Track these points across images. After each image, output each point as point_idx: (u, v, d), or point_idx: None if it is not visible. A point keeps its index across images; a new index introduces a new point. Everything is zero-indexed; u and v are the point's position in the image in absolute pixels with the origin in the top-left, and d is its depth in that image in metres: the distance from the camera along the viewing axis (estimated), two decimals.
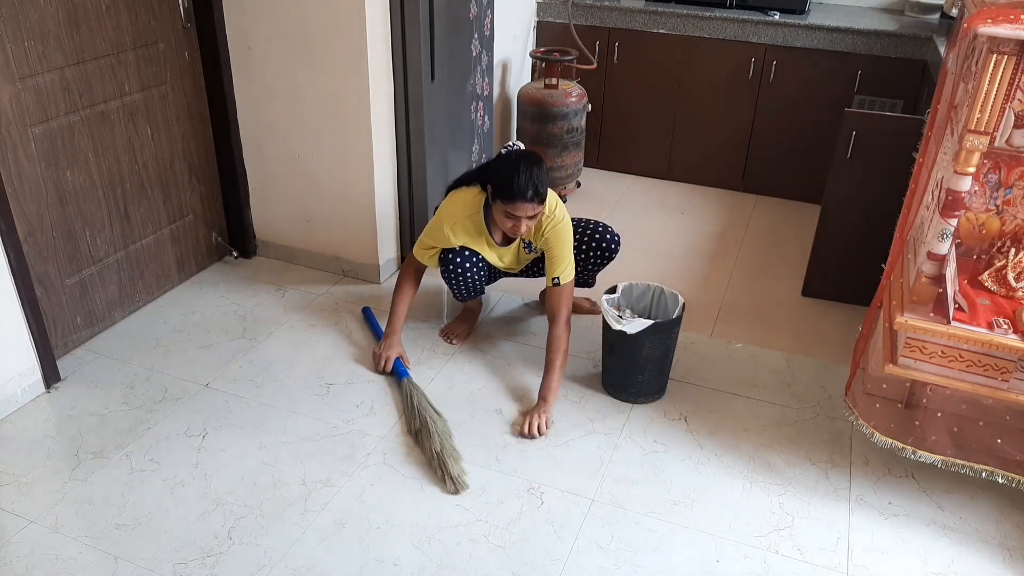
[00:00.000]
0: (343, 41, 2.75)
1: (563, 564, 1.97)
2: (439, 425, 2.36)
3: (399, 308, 2.68)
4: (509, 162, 2.37)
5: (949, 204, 1.85)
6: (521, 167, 2.33)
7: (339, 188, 3.04)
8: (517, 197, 2.32)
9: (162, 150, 2.87)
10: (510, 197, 2.33)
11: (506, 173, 2.35)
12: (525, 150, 2.49)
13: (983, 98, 1.73)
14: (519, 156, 2.39)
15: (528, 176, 2.31)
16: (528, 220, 2.38)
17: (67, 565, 1.93)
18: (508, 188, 2.33)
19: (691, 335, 2.87)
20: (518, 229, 2.40)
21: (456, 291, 2.68)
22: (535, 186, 2.31)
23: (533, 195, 2.32)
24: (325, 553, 1.98)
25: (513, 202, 2.33)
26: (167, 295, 3.05)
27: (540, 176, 2.34)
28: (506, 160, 2.40)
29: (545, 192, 2.36)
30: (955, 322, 1.90)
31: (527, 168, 2.32)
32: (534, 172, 2.32)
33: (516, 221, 2.38)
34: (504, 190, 2.35)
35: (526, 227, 2.40)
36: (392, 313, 2.68)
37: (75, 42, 2.46)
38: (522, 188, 2.30)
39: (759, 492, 2.20)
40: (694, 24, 3.82)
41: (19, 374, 2.43)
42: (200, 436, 2.35)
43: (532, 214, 2.37)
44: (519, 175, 2.31)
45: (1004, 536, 2.09)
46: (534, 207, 2.35)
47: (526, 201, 2.32)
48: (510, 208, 2.35)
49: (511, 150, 2.49)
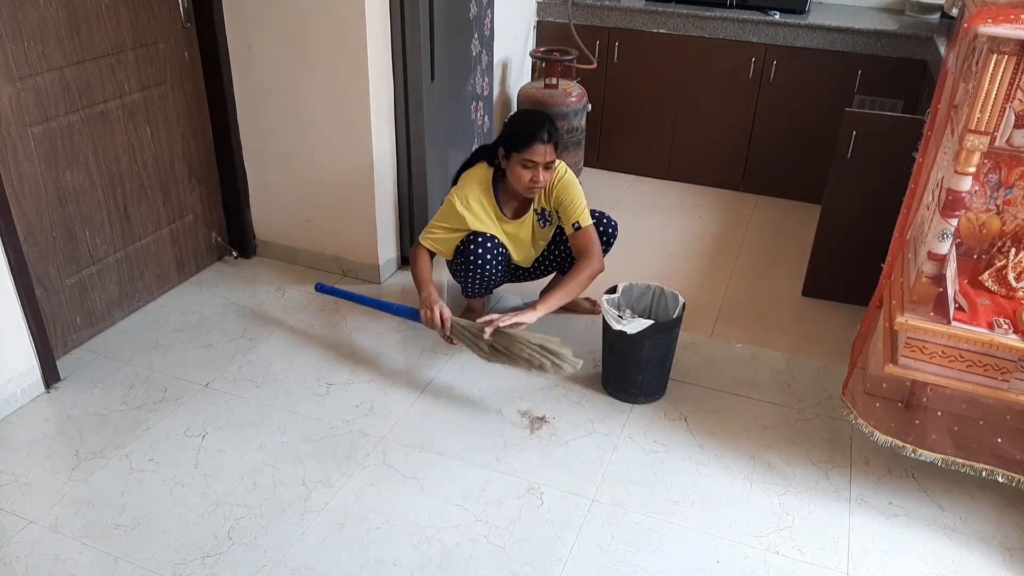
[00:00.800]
0: (343, 41, 2.75)
1: (563, 564, 1.97)
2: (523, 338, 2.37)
3: (423, 275, 2.57)
4: (517, 116, 2.52)
5: (949, 204, 1.85)
6: (530, 116, 2.48)
7: (339, 188, 3.04)
8: (533, 140, 2.41)
9: (162, 150, 2.87)
10: (526, 142, 2.42)
11: (517, 124, 2.48)
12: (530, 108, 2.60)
13: (983, 98, 1.73)
14: (526, 111, 2.54)
15: (540, 122, 2.44)
16: (545, 170, 2.46)
17: (67, 565, 1.93)
18: (523, 135, 2.43)
19: (691, 335, 2.87)
20: (536, 179, 2.46)
21: (468, 285, 2.67)
22: (548, 129, 2.43)
23: (548, 137, 2.42)
24: (325, 553, 1.98)
25: (530, 145, 2.42)
26: (167, 295, 3.05)
27: (551, 122, 2.46)
28: (516, 117, 2.57)
29: (556, 135, 2.46)
30: (955, 322, 1.90)
31: (536, 115, 2.49)
32: (544, 118, 2.46)
33: (534, 170, 2.45)
34: (519, 138, 2.44)
35: (544, 177, 2.47)
36: (418, 282, 2.57)
37: (75, 42, 2.46)
38: (536, 131, 2.41)
39: (759, 492, 2.20)
40: (694, 24, 3.82)
41: (19, 374, 2.43)
42: (200, 436, 2.35)
43: (549, 159, 2.45)
44: (530, 121, 2.44)
45: (1004, 536, 2.09)
46: (550, 150, 2.44)
47: (542, 143, 2.42)
48: (527, 155, 2.43)
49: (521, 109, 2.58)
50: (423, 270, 2.60)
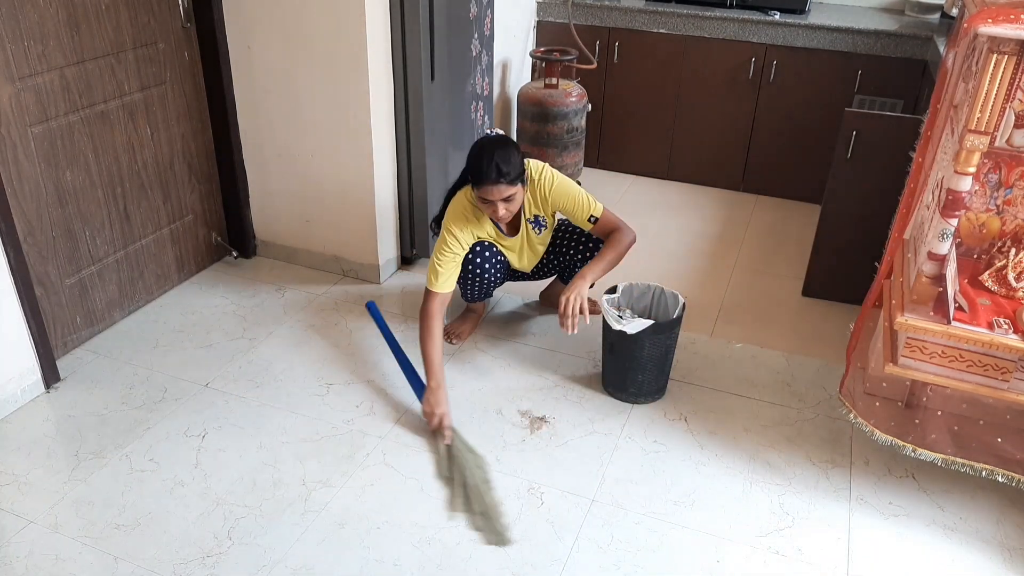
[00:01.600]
0: (343, 41, 2.75)
1: (563, 564, 1.97)
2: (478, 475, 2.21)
3: (434, 356, 2.40)
4: (474, 151, 2.40)
5: (949, 204, 1.85)
6: (484, 152, 2.34)
7: (339, 188, 3.04)
8: (484, 180, 2.33)
9: (162, 150, 2.87)
10: (478, 183, 2.36)
11: (473, 160, 2.38)
12: (494, 135, 2.47)
13: (983, 98, 1.73)
14: (483, 142, 2.40)
15: (490, 159, 2.31)
16: (504, 203, 2.37)
17: (67, 565, 1.93)
18: (475, 174, 2.36)
19: (691, 335, 2.87)
20: (497, 213, 2.41)
21: (468, 291, 2.68)
22: (498, 167, 2.31)
23: (498, 176, 2.31)
24: (325, 553, 1.98)
25: (481, 186, 2.35)
26: (167, 295, 3.05)
27: (504, 156, 2.32)
28: (473, 148, 2.42)
29: (513, 172, 2.33)
30: (955, 322, 1.90)
31: (489, 151, 2.33)
32: (496, 154, 2.32)
33: (492, 205, 2.39)
34: (473, 177, 2.38)
35: (504, 210, 2.39)
36: (427, 363, 2.41)
37: (75, 42, 2.46)
38: (486, 171, 2.32)
39: (759, 492, 2.20)
40: (694, 24, 3.82)
41: (19, 374, 2.43)
42: (200, 436, 2.35)
43: (505, 195, 2.35)
44: (483, 159, 2.33)
45: (1004, 536, 2.09)
46: (503, 188, 2.34)
47: (492, 183, 2.33)
48: (481, 193, 2.37)
49: (482, 136, 2.48)
50: (431, 347, 2.41)
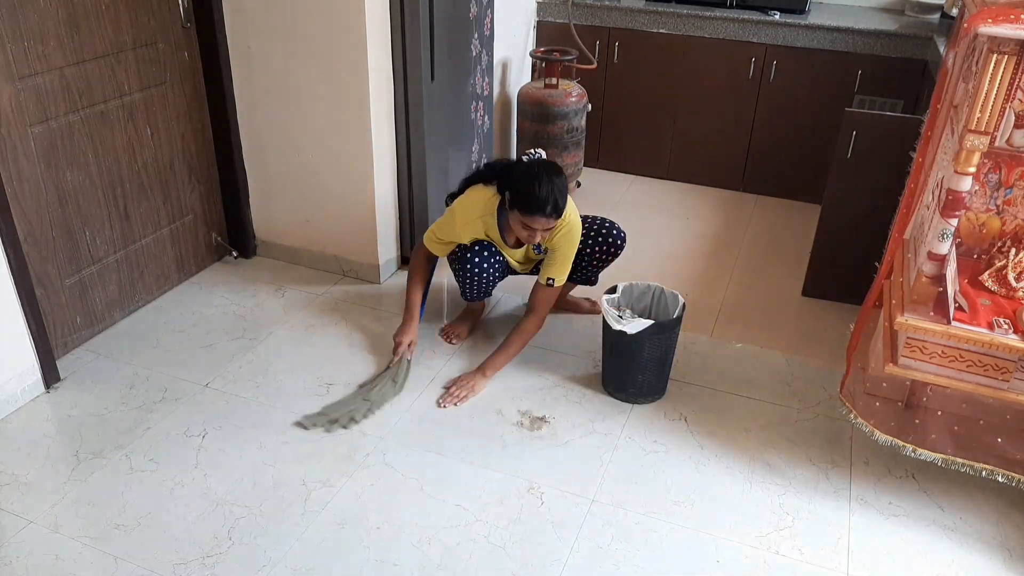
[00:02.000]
0: (343, 41, 2.75)
1: (563, 564, 1.97)
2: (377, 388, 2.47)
3: (414, 296, 2.69)
4: (530, 173, 2.34)
5: (949, 204, 1.85)
6: (543, 180, 2.31)
7: (339, 188, 3.04)
8: (536, 211, 2.31)
9: (162, 150, 2.87)
10: (529, 210, 2.33)
11: (526, 185, 2.32)
12: (547, 160, 2.44)
13: (983, 98, 1.73)
14: (541, 167, 2.36)
15: (549, 190, 2.30)
16: (544, 232, 2.39)
17: (67, 565, 1.93)
18: (528, 201, 2.32)
19: (691, 335, 2.87)
20: (533, 239, 2.41)
21: (467, 290, 2.68)
22: (555, 201, 2.31)
23: (552, 210, 2.32)
24: (325, 553, 1.98)
25: (532, 215, 2.33)
26: (167, 295, 3.05)
27: (560, 189, 2.33)
28: (527, 170, 2.36)
29: (564, 206, 2.35)
30: (955, 322, 1.90)
31: (548, 181, 2.31)
32: (555, 185, 2.31)
33: (532, 232, 2.38)
34: (524, 202, 2.34)
35: (541, 237, 2.41)
36: (408, 302, 2.70)
37: (75, 42, 2.46)
38: (542, 203, 2.30)
39: (759, 492, 2.20)
40: (694, 24, 3.82)
41: (19, 374, 2.43)
42: (200, 436, 2.35)
43: (549, 227, 2.38)
44: (540, 188, 2.29)
45: (1004, 536, 2.09)
46: (551, 221, 2.36)
47: (545, 216, 2.32)
48: (528, 220, 2.35)
49: (533, 158, 2.44)
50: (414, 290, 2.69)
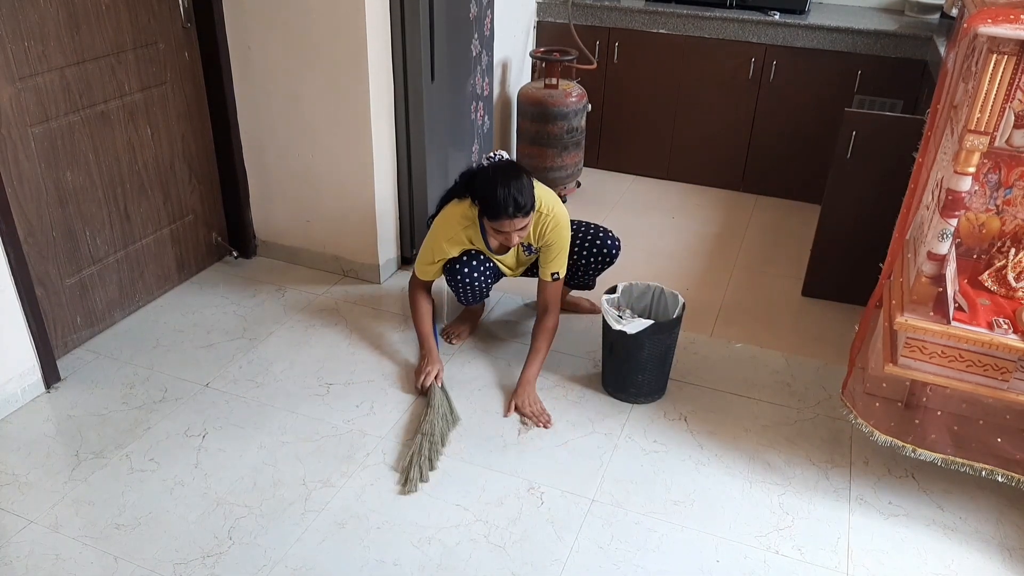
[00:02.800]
0: (343, 41, 2.75)
1: (563, 564, 1.97)
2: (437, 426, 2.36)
3: (425, 328, 2.65)
4: (488, 179, 2.35)
5: (949, 204, 1.85)
6: (499, 183, 2.31)
7: (339, 188, 3.05)
8: (500, 215, 2.32)
9: (162, 150, 2.87)
10: (494, 215, 2.35)
11: (486, 191, 2.34)
12: (505, 162, 2.46)
13: (983, 98, 1.73)
14: (496, 171, 2.37)
15: (507, 192, 2.29)
16: (518, 232, 2.39)
17: (67, 565, 1.93)
18: (490, 207, 2.34)
19: (691, 335, 2.87)
20: (510, 241, 2.41)
21: (461, 297, 2.68)
22: (515, 201, 2.30)
23: (515, 210, 2.31)
24: (325, 553, 1.98)
25: (497, 220, 2.35)
26: (167, 295, 3.05)
27: (520, 188, 2.32)
28: (485, 176, 2.38)
29: (527, 203, 2.34)
30: (955, 322, 1.90)
31: (505, 183, 2.31)
32: (512, 187, 2.30)
33: (506, 235, 2.39)
34: (487, 209, 2.36)
35: (517, 238, 2.41)
36: (421, 335, 2.66)
37: (75, 42, 2.46)
38: (503, 206, 2.30)
39: (759, 492, 2.20)
40: (694, 24, 3.82)
41: (19, 374, 2.43)
42: (200, 436, 2.35)
43: (520, 227, 2.37)
44: (498, 192, 2.30)
45: (1004, 536, 2.09)
46: (519, 221, 2.35)
47: (509, 217, 2.33)
48: (496, 225, 2.37)
49: (492, 162, 2.47)
50: (422, 319, 2.65)
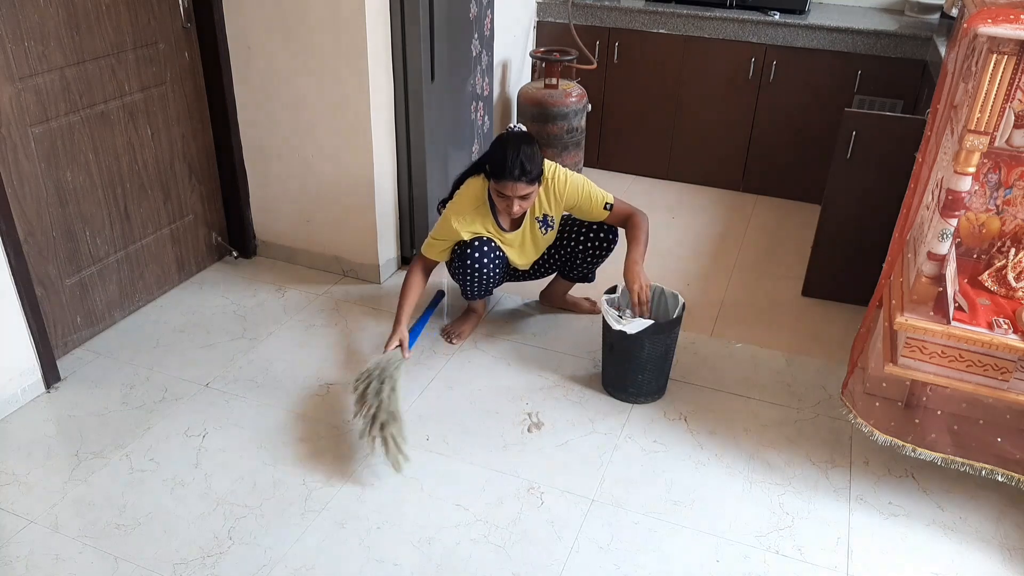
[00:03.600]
0: (343, 41, 2.75)
1: (563, 564, 1.97)
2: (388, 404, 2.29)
3: (406, 305, 2.58)
4: (500, 143, 2.45)
5: (949, 204, 1.85)
6: (509, 146, 2.39)
7: (339, 188, 3.04)
8: (506, 176, 2.38)
9: (162, 150, 2.87)
10: (499, 176, 2.41)
11: (496, 153, 2.42)
12: (519, 131, 2.54)
13: (983, 98, 1.73)
14: (509, 137, 2.45)
15: (515, 155, 2.37)
16: (520, 200, 2.43)
17: (67, 565, 1.93)
18: (497, 167, 2.41)
19: (691, 335, 2.87)
20: (511, 208, 2.46)
21: (468, 288, 2.68)
22: (522, 165, 2.37)
23: (520, 174, 2.37)
24: (325, 553, 1.98)
25: (502, 181, 2.40)
26: (167, 295, 3.05)
27: (529, 155, 2.39)
28: (498, 141, 2.47)
29: (535, 171, 2.40)
30: (955, 322, 1.90)
31: (515, 148, 2.39)
32: (522, 151, 2.38)
33: (507, 200, 2.44)
34: (494, 170, 2.43)
35: (518, 207, 2.45)
36: (399, 308, 2.58)
37: (75, 42, 2.46)
38: (510, 167, 2.37)
39: (759, 492, 2.20)
40: (694, 24, 3.82)
41: (19, 374, 2.43)
42: (200, 436, 2.35)
43: (522, 193, 2.42)
44: (507, 155, 2.38)
45: (1004, 536, 2.09)
46: (523, 187, 2.40)
47: (514, 180, 2.38)
48: (500, 187, 2.43)
49: (508, 131, 2.54)
50: (408, 296, 2.60)
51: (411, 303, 2.63)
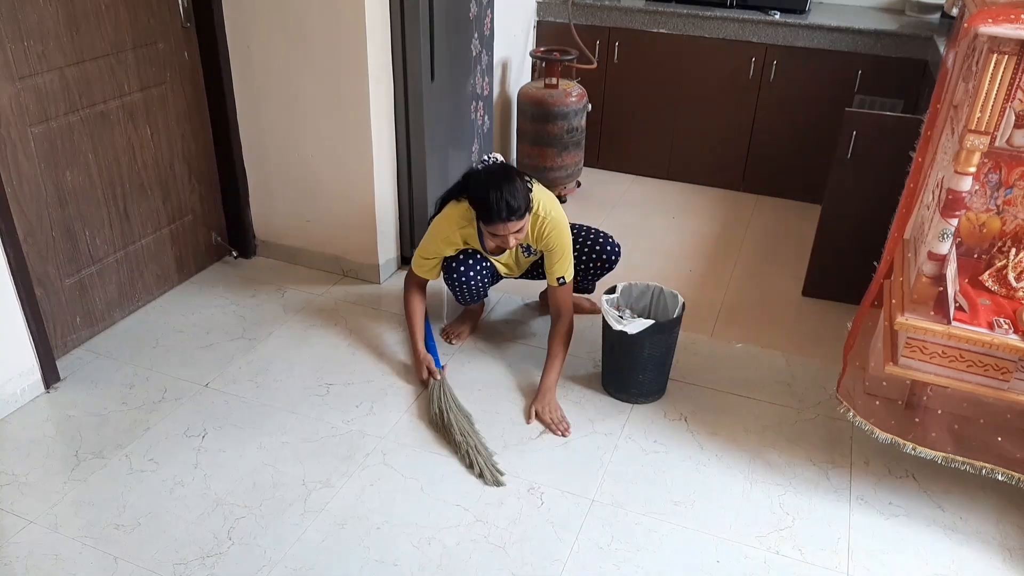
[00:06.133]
0: (343, 41, 2.75)
1: (563, 564, 1.97)
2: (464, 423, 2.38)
3: (417, 328, 2.67)
4: (480, 183, 2.36)
5: (950, 204, 1.85)
6: (491, 187, 2.31)
7: (339, 188, 3.04)
8: (494, 219, 2.33)
9: (162, 150, 2.87)
10: (487, 220, 2.35)
11: (479, 195, 2.35)
12: (497, 165, 2.47)
13: (983, 98, 1.73)
14: (488, 174, 2.37)
15: (499, 196, 2.29)
16: (514, 235, 2.38)
17: (67, 565, 1.93)
18: (483, 212, 2.35)
19: (691, 335, 2.87)
20: (507, 244, 2.41)
21: (459, 296, 2.69)
22: (508, 205, 2.29)
23: (508, 214, 2.31)
24: (325, 553, 1.98)
25: (491, 224, 2.35)
26: (167, 295, 3.05)
27: (513, 192, 2.31)
28: (478, 180, 2.38)
29: (521, 206, 2.33)
30: (956, 322, 1.90)
31: (496, 188, 2.30)
32: (504, 190, 2.30)
33: (501, 238, 2.39)
34: (481, 215, 2.37)
35: (514, 241, 2.41)
36: (412, 334, 2.67)
37: (75, 42, 2.46)
38: (496, 211, 2.30)
39: (759, 492, 2.20)
40: (694, 24, 3.82)
41: (19, 374, 2.43)
42: (200, 436, 2.35)
43: (515, 230, 2.37)
44: (490, 196, 2.30)
45: (1004, 536, 2.09)
46: (514, 224, 2.34)
47: (503, 221, 2.32)
48: (490, 229, 2.38)
49: (485, 165, 2.48)
50: (414, 319, 2.67)
51: (420, 324, 2.69)
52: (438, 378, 2.54)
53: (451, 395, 2.49)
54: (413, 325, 2.68)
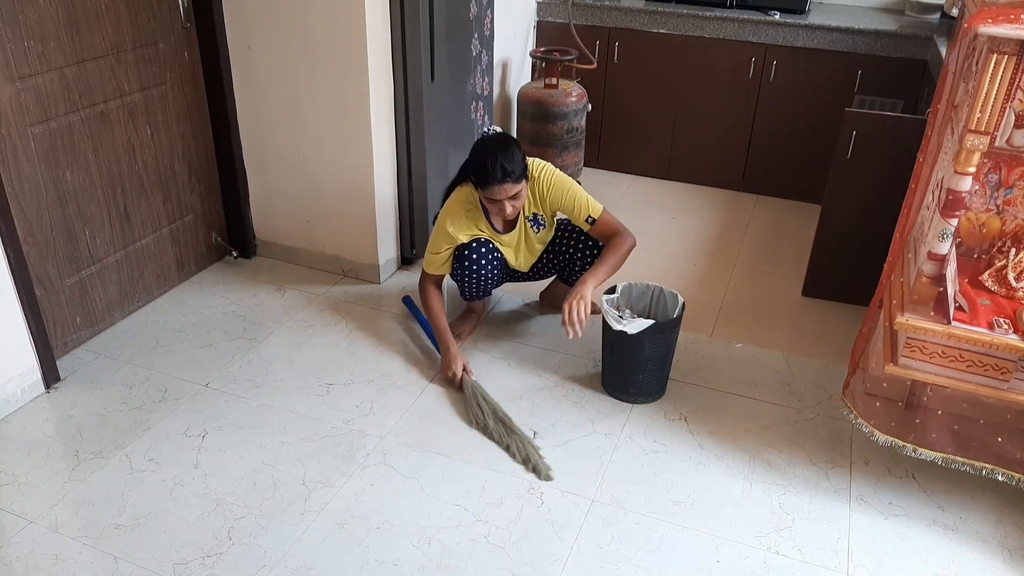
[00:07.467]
0: (343, 41, 2.75)
1: (563, 564, 1.97)
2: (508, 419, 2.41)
3: (441, 323, 2.66)
4: (478, 150, 2.45)
5: (949, 204, 1.85)
6: (486, 152, 2.39)
7: (339, 188, 3.04)
8: (490, 181, 2.39)
9: (162, 150, 2.87)
10: (484, 183, 2.41)
11: (477, 162, 2.43)
12: (494, 134, 2.54)
13: (983, 98, 1.73)
14: (484, 143, 2.45)
15: (495, 159, 2.36)
16: (511, 201, 2.43)
17: (67, 565, 1.93)
18: (480, 175, 2.41)
19: (691, 335, 2.87)
20: (504, 211, 2.45)
21: (466, 289, 2.68)
22: (503, 167, 2.36)
23: (504, 176, 2.37)
24: (325, 553, 1.98)
25: (488, 186, 2.41)
26: (167, 295, 3.05)
27: (509, 156, 2.38)
28: (475, 149, 2.47)
29: (517, 171, 2.40)
30: (955, 322, 1.90)
31: (492, 151, 2.38)
32: (500, 154, 2.37)
33: (499, 204, 2.44)
34: (478, 178, 2.43)
35: (512, 208, 2.45)
36: (437, 331, 2.66)
37: (75, 42, 2.46)
38: (492, 172, 2.37)
39: (759, 492, 2.20)
40: (694, 24, 3.82)
41: (19, 374, 2.43)
42: (200, 436, 2.35)
43: (511, 194, 2.41)
44: (486, 161, 2.38)
45: (1004, 537, 2.09)
46: (510, 186, 2.40)
47: (499, 183, 2.38)
48: (488, 193, 2.43)
49: (483, 136, 2.54)
50: (436, 314, 2.67)
51: (444, 319, 2.68)
52: (471, 373, 2.56)
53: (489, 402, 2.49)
54: (438, 321, 2.67)
